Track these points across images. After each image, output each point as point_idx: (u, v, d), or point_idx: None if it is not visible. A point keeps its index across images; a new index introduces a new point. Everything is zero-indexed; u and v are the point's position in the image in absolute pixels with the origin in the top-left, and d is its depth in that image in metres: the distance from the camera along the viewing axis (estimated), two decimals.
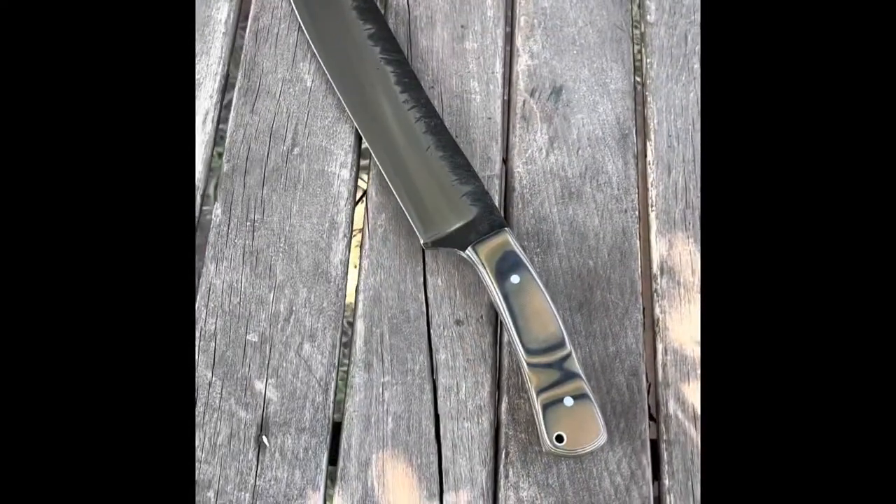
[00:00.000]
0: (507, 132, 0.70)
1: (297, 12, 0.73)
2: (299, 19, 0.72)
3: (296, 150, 0.68)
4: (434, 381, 0.61)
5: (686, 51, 0.73)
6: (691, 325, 0.62)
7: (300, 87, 0.71)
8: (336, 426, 0.60)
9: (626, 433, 0.59)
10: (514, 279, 0.60)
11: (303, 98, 0.70)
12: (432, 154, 0.66)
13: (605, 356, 0.61)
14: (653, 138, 0.69)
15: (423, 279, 0.64)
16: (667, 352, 0.62)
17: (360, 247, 0.65)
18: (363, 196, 0.68)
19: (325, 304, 0.63)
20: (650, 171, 0.68)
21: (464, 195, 0.64)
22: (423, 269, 0.64)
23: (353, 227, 0.66)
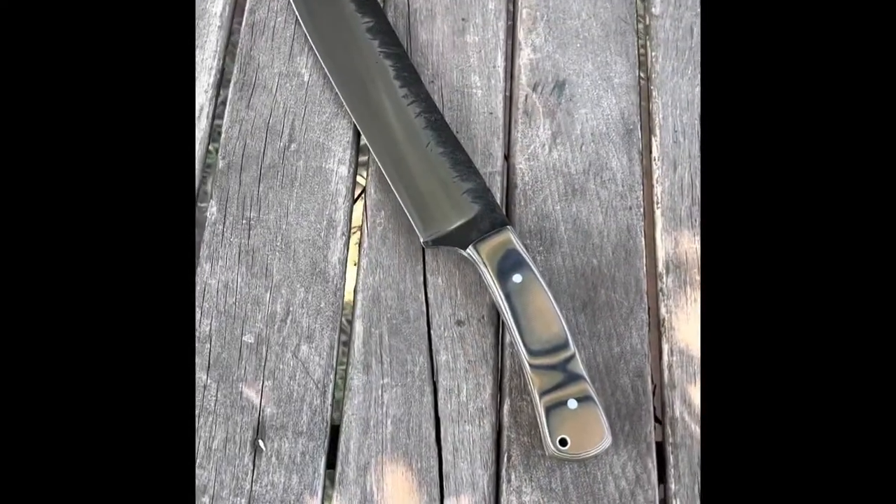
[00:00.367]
0: (508, 128, 0.69)
1: (294, 5, 0.72)
2: (296, 12, 0.72)
3: (293, 147, 0.67)
4: (434, 383, 0.60)
5: (692, 44, 0.72)
6: (697, 325, 0.62)
7: (297, 81, 0.70)
8: (334, 429, 0.60)
9: (631, 436, 0.58)
10: (517, 278, 0.59)
11: (300, 93, 0.69)
12: (432, 150, 0.65)
13: (609, 357, 0.61)
14: (658, 133, 0.68)
15: (423, 278, 0.63)
16: (672, 352, 0.61)
17: (359, 245, 0.65)
18: (362, 193, 0.67)
19: (323, 304, 0.62)
20: (655, 167, 0.67)
21: (465, 192, 0.63)
22: (424, 268, 0.63)
23: (351, 225, 0.66)
